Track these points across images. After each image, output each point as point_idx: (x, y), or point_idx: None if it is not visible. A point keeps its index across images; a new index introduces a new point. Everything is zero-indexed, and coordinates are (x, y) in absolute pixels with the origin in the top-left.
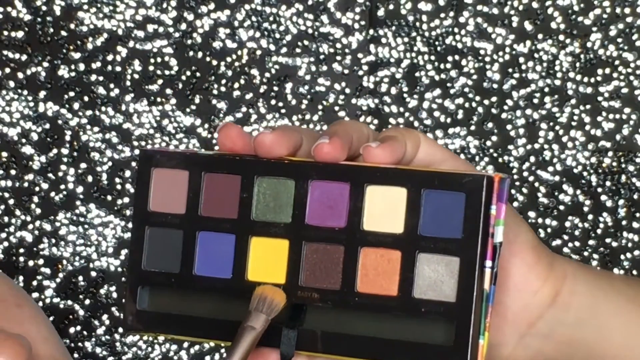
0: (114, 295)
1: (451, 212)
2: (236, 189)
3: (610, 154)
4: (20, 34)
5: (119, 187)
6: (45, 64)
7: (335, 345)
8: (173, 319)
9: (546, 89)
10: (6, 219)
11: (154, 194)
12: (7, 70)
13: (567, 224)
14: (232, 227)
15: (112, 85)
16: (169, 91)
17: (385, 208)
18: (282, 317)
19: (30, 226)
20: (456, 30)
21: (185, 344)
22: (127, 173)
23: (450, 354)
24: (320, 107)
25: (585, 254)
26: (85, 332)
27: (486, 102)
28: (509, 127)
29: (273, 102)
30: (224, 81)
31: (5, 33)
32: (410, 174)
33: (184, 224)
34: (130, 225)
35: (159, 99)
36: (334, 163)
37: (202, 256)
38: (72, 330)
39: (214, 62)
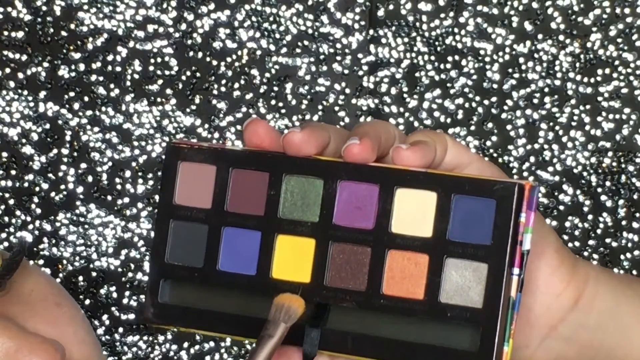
0: (114, 295)
1: (481, 218)
2: (264, 185)
3: (610, 154)
4: (20, 34)
5: (119, 187)
6: (46, 64)
7: (359, 347)
8: (194, 313)
9: (546, 89)
10: (6, 219)
11: (180, 188)
12: (7, 70)
13: (567, 224)
14: (258, 224)
15: (112, 86)
16: (169, 91)
17: (414, 211)
18: (306, 316)
19: (30, 226)
20: (456, 30)
21: (185, 344)
22: (127, 173)
23: (474, 359)
24: (320, 107)
25: (585, 254)
26: None
27: (486, 102)
28: (509, 127)
29: (273, 102)
30: (224, 81)
31: (5, 33)
32: (441, 178)
33: (210, 219)
34: (130, 225)
35: (159, 99)
36: (363, 164)
37: (226, 252)
38: None
39: (214, 62)
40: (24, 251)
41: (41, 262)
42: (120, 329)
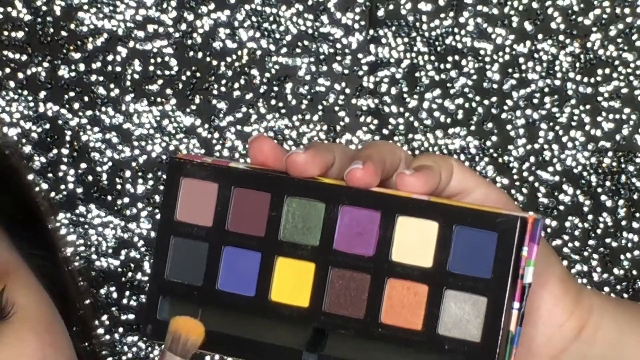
0: (114, 295)
1: (482, 251)
2: (265, 206)
3: (610, 154)
4: (20, 34)
5: (119, 187)
6: (46, 64)
7: None
8: None
9: (546, 89)
10: None
11: (181, 204)
12: (7, 70)
13: (567, 224)
14: (259, 244)
15: (112, 85)
16: (169, 91)
17: (415, 240)
18: (303, 341)
19: None
20: (456, 30)
21: None
22: (127, 173)
23: None
24: (320, 107)
25: (585, 254)
26: None
27: (486, 102)
28: (509, 127)
29: (273, 102)
30: (224, 81)
31: (5, 33)
32: (443, 208)
33: (210, 237)
34: (130, 225)
35: (159, 99)
36: (366, 189)
37: (226, 271)
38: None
39: (214, 62)
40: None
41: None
42: (120, 329)
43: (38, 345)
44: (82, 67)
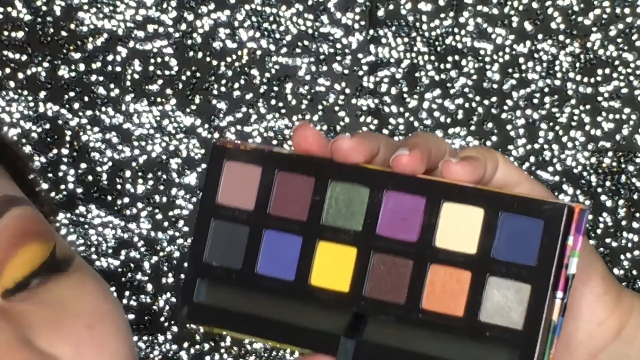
0: (114, 295)
1: (527, 238)
2: (309, 190)
3: (610, 154)
4: (20, 34)
5: (119, 187)
6: (45, 64)
7: None
8: (229, 314)
9: (546, 89)
10: None
11: (223, 187)
12: (7, 70)
13: None
14: (301, 229)
15: (112, 85)
16: (169, 91)
17: (459, 227)
18: (342, 326)
19: None
20: (456, 30)
21: (185, 344)
22: (127, 173)
23: None
24: (320, 107)
25: None
26: None
27: (486, 102)
28: (509, 127)
29: (273, 102)
30: (224, 81)
31: (5, 33)
32: (489, 195)
33: (251, 221)
34: (130, 225)
35: (159, 99)
36: (411, 175)
37: (266, 255)
38: None
39: (214, 62)
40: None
41: None
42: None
43: (97, 287)
44: (82, 67)
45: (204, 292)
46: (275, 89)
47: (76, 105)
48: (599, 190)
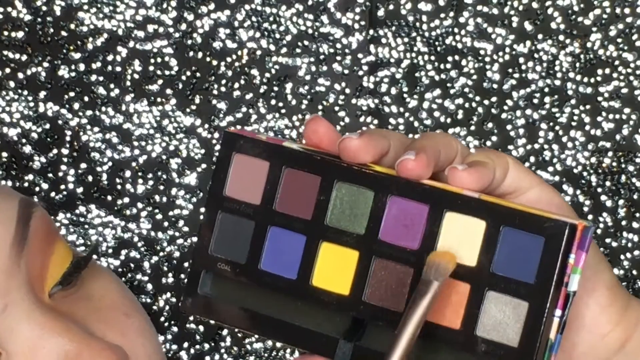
0: None
1: (527, 255)
2: (314, 189)
3: (610, 154)
4: (20, 34)
5: (119, 187)
6: (45, 64)
7: None
8: (231, 308)
9: (546, 89)
10: None
11: (231, 180)
12: (7, 70)
13: None
14: (305, 228)
15: (112, 85)
16: (169, 91)
17: (461, 238)
18: (341, 329)
19: None
20: (456, 30)
21: (185, 344)
22: (127, 173)
23: None
24: (320, 107)
25: None
26: None
27: (486, 102)
28: (509, 127)
29: (273, 102)
30: (224, 81)
31: (5, 33)
32: (492, 207)
33: (257, 216)
34: (130, 225)
35: (159, 99)
36: (416, 181)
37: (270, 252)
38: None
39: (214, 62)
40: (95, 252)
41: None
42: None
43: (114, 278)
44: (82, 67)
45: (208, 284)
46: (275, 89)
47: (76, 105)
48: (599, 190)
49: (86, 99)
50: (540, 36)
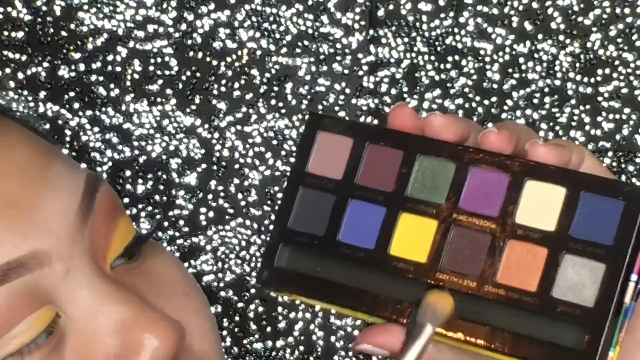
0: None
1: (606, 218)
2: (396, 163)
3: (610, 154)
4: (20, 34)
5: (119, 187)
6: (45, 64)
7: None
8: (308, 281)
9: (546, 89)
10: None
11: (314, 156)
12: (7, 70)
13: None
14: (385, 199)
15: (112, 85)
16: (169, 91)
17: (540, 204)
18: (417, 297)
19: None
20: (456, 30)
21: None
22: (127, 173)
23: (577, 358)
24: (320, 107)
25: None
26: None
27: (486, 102)
28: None
29: (273, 102)
30: (224, 81)
31: (5, 33)
32: (572, 174)
33: (338, 190)
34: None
35: (159, 99)
36: (497, 153)
37: (349, 224)
38: None
39: (214, 62)
40: (158, 229)
41: None
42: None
43: (174, 257)
44: (82, 67)
45: (286, 257)
46: (275, 89)
47: (76, 105)
48: None
49: (86, 99)
50: (540, 36)
